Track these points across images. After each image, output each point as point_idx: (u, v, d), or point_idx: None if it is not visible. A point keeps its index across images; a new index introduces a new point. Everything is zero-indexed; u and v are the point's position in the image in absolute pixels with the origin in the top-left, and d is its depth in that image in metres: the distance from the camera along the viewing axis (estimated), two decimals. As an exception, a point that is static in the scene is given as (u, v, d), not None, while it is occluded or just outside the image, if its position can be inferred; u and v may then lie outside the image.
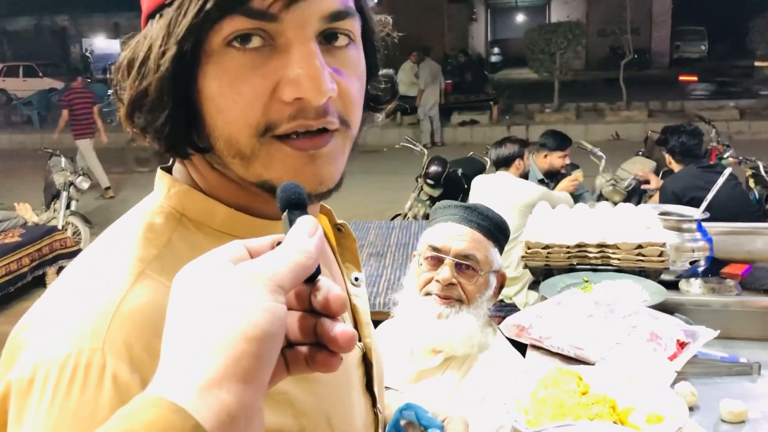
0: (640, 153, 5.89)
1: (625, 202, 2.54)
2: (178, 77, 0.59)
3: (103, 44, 25.85)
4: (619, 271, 2.03)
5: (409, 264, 1.82)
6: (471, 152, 6.47)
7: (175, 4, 0.58)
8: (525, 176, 4.23)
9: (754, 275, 2.18)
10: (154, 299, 0.57)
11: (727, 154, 5.30)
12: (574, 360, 1.50)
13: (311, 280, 0.46)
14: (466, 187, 5.63)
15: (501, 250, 1.77)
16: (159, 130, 0.61)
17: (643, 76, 17.58)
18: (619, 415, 1.16)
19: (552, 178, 4.60)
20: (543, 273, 2.14)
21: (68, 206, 6.56)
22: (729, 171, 2.41)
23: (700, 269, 2.17)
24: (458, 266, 1.67)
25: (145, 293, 0.57)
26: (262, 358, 0.39)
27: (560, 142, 4.62)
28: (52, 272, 5.62)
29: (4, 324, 4.66)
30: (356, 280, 0.80)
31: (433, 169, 5.76)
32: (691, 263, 2.15)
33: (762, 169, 5.05)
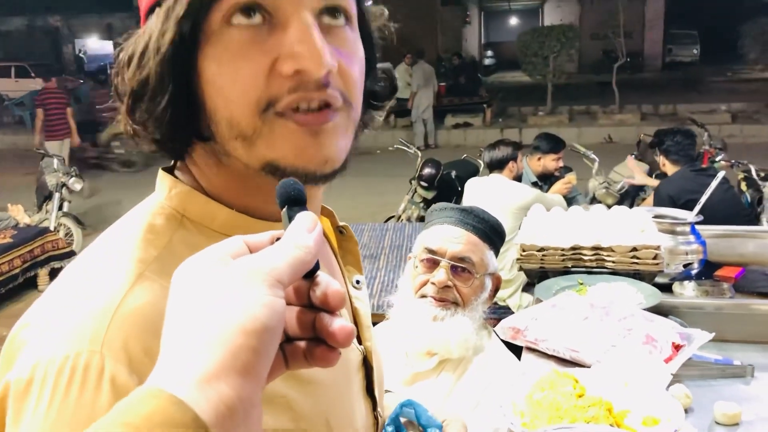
0: (633, 156, 5.91)
1: (618, 205, 2.55)
2: (179, 60, 0.59)
3: (96, 45, 25.74)
4: (614, 273, 2.03)
5: (403, 266, 1.82)
6: (464, 155, 6.48)
7: None
8: (518, 179, 4.24)
9: (748, 278, 2.19)
10: (153, 301, 0.57)
11: (719, 158, 5.32)
12: (570, 362, 1.51)
13: (310, 275, 0.46)
14: (460, 189, 5.64)
15: (496, 253, 1.78)
16: (160, 117, 0.61)
17: (635, 80, 17.66)
18: (615, 418, 1.17)
19: (545, 181, 4.61)
20: (538, 275, 2.14)
21: (60, 207, 6.53)
22: (722, 174, 2.42)
23: (694, 272, 2.18)
24: (454, 269, 1.67)
25: (145, 295, 0.57)
26: (261, 352, 0.40)
27: (554, 144, 4.63)
28: (43, 274, 5.58)
29: (-4, 326, 4.62)
30: (357, 282, 0.79)
31: (427, 171, 5.76)
32: (685, 266, 2.16)
33: (754, 173, 5.08)
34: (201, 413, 0.36)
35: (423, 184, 5.79)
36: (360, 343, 0.77)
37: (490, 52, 26.22)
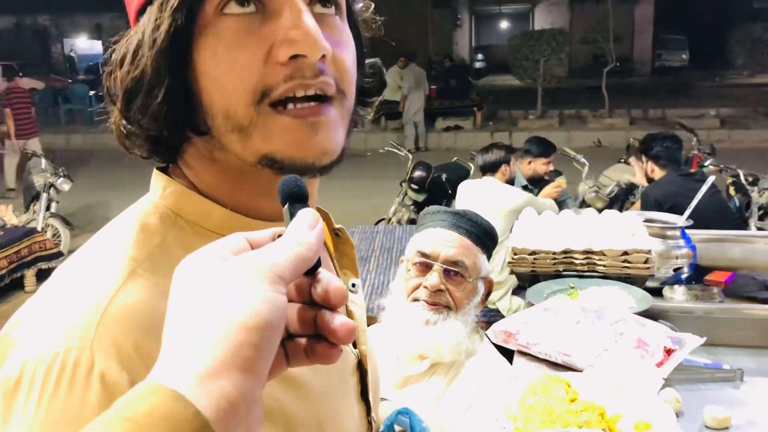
0: (622, 160, 5.95)
1: (608, 209, 2.56)
2: (174, 52, 0.59)
3: (85, 45, 25.61)
4: (605, 277, 2.04)
5: (394, 269, 1.82)
6: (455, 158, 6.49)
7: None
8: (511, 182, 4.26)
9: (737, 283, 2.20)
10: (145, 298, 0.56)
11: (708, 162, 5.36)
12: (562, 366, 1.51)
13: (311, 272, 0.46)
14: (451, 192, 5.65)
15: (489, 257, 1.77)
16: (157, 112, 0.61)
17: (625, 84, 17.76)
18: (608, 423, 1.17)
19: (536, 185, 4.62)
20: (529, 279, 2.15)
21: (48, 208, 6.47)
22: (712, 179, 2.43)
23: (684, 276, 2.19)
24: (447, 272, 1.67)
25: (136, 292, 0.57)
26: (263, 348, 0.40)
27: (544, 148, 4.65)
28: (30, 275, 5.53)
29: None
30: (353, 286, 0.79)
31: (418, 173, 5.77)
32: (675, 270, 2.17)
33: (742, 177, 5.12)
34: (202, 409, 0.36)
35: (414, 186, 5.79)
36: (355, 346, 0.77)
37: (480, 56, 26.27)
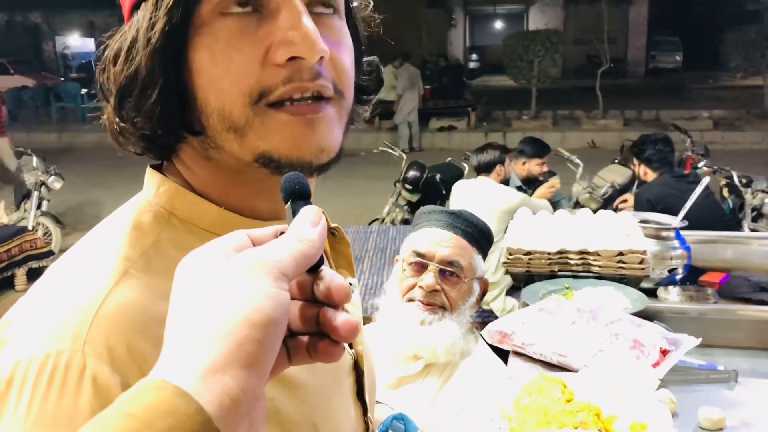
0: (616, 161, 5.96)
1: (602, 209, 2.56)
2: (169, 50, 0.58)
3: (77, 42, 25.50)
4: (600, 278, 2.04)
5: (387, 269, 1.81)
6: (449, 158, 6.50)
7: None
8: (506, 182, 4.26)
9: (732, 284, 2.21)
10: (137, 298, 0.56)
11: (702, 164, 5.38)
12: (557, 367, 1.50)
13: (314, 269, 0.46)
14: (444, 192, 5.65)
15: (484, 257, 1.77)
16: (151, 111, 0.60)
17: (619, 85, 17.80)
18: (604, 423, 1.16)
19: (530, 185, 4.63)
20: (524, 279, 2.14)
21: (39, 206, 6.42)
22: (707, 181, 2.43)
23: (678, 277, 2.19)
24: (442, 273, 1.66)
25: (129, 293, 0.56)
26: (265, 344, 0.39)
27: (539, 149, 4.66)
28: (21, 274, 5.48)
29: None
30: (350, 285, 0.78)
31: (412, 174, 5.77)
32: (670, 271, 2.17)
33: (736, 179, 5.14)
34: (205, 405, 0.36)
35: (407, 186, 5.79)
36: (351, 346, 0.76)
37: (475, 56, 26.33)
